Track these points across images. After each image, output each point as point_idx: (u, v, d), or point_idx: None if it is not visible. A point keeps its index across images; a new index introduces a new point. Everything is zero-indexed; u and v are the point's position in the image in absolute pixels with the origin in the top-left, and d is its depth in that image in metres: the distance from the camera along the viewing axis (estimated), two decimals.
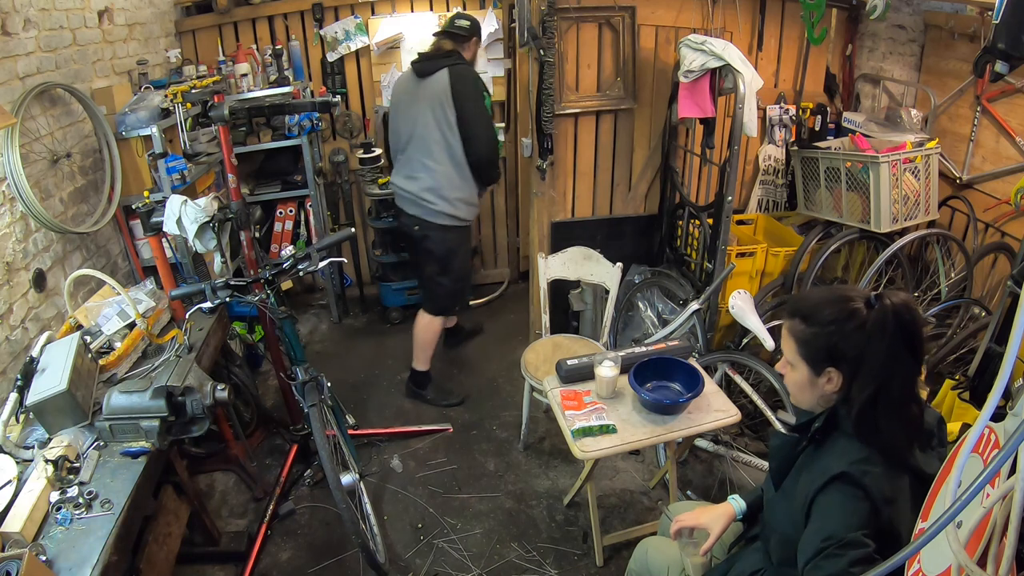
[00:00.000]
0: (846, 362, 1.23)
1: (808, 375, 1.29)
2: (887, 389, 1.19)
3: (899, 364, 1.19)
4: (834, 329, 1.23)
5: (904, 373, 1.20)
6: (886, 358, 1.18)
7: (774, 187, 3.51)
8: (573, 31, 3.00)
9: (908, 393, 1.21)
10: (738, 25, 3.14)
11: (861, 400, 1.21)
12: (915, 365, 1.22)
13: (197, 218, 2.39)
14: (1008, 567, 0.85)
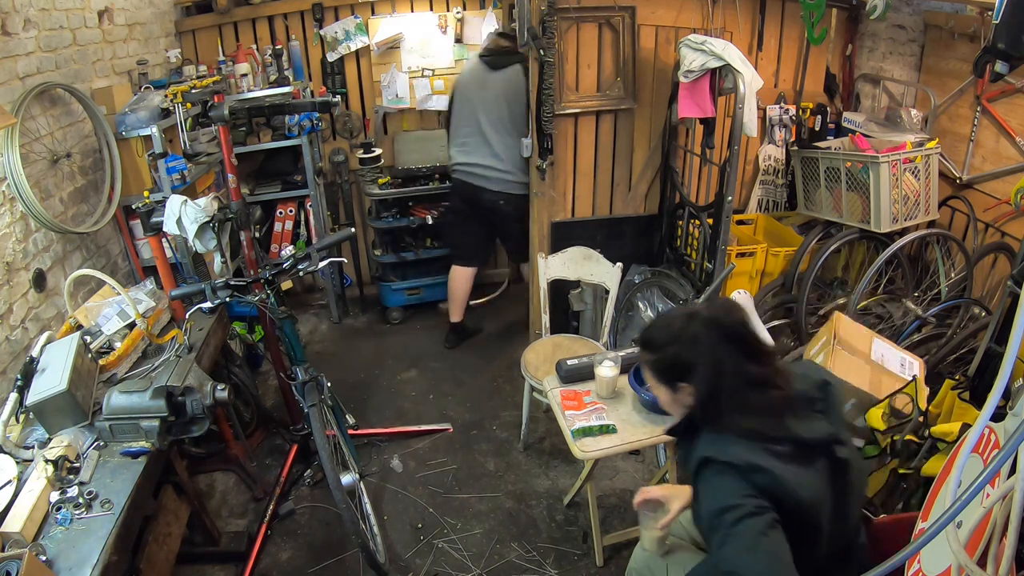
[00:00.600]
0: (690, 374, 1.36)
1: (669, 395, 1.44)
2: (720, 386, 1.32)
3: (726, 362, 1.32)
4: (668, 350, 1.40)
5: (734, 369, 1.32)
6: (711, 361, 1.33)
7: (774, 187, 3.51)
8: (573, 31, 3.00)
9: (748, 383, 1.32)
10: (738, 25, 3.14)
11: (700, 400, 1.36)
12: (747, 358, 1.33)
13: (197, 218, 2.39)
14: (1008, 567, 0.85)
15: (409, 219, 3.94)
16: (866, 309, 2.89)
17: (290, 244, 3.95)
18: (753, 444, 1.29)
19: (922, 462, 1.84)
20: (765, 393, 1.33)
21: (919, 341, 2.70)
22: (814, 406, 1.37)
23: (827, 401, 1.39)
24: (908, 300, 2.82)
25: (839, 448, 1.34)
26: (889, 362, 2.30)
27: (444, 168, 4.01)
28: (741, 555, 1.21)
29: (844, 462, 1.34)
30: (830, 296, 3.12)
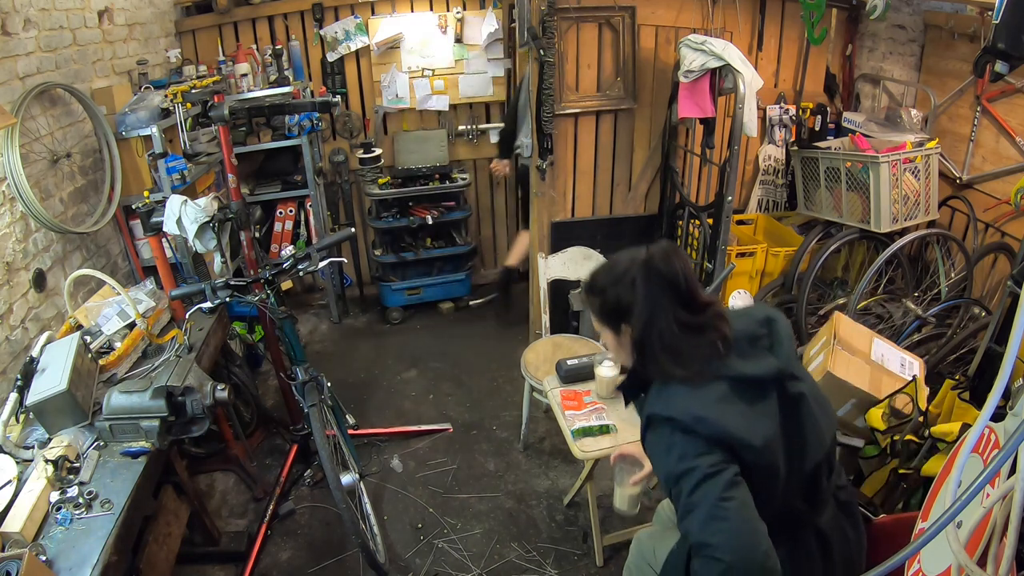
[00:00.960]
0: (628, 315, 1.34)
1: (613, 337, 1.41)
2: (654, 329, 1.30)
3: (659, 306, 1.30)
4: (609, 292, 1.36)
5: (668, 314, 1.29)
6: (646, 304, 1.30)
7: (774, 187, 3.51)
8: (573, 31, 3.00)
9: (683, 327, 1.29)
10: (738, 25, 3.14)
11: (637, 342, 1.33)
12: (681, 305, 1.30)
13: (197, 218, 2.39)
14: (1008, 567, 0.85)
15: (409, 219, 3.94)
16: (866, 309, 2.89)
17: (290, 244, 3.95)
18: (696, 392, 1.27)
19: (922, 462, 1.84)
20: (702, 336, 1.30)
21: (919, 341, 2.70)
22: (759, 343, 1.35)
23: (772, 336, 1.36)
24: (908, 300, 2.82)
25: (791, 383, 1.31)
26: (889, 362, 2.30)
27: (444, 168, 4.02)
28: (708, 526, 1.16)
29: (797, 396, 1.31)
30: (830, 296, 3.12)
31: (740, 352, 1.31)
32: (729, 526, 1.15)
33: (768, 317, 1.39)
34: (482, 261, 4.57)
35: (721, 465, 1.20)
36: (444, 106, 4.08)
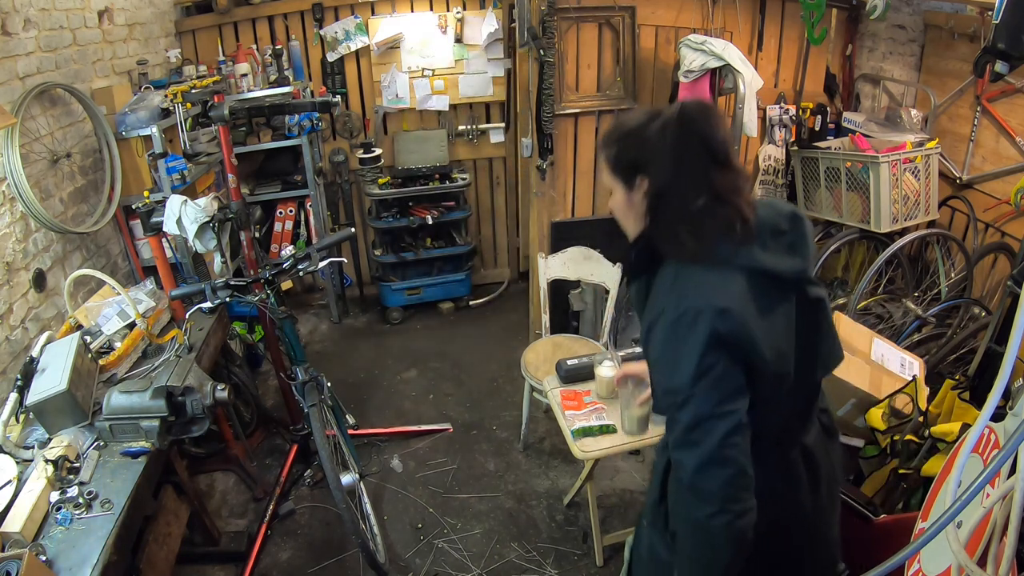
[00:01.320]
0: (650, 166, 1.20)
1: (624, 194, 1.28)
2: (679, 183, 1.16)
3: (690, 155, 1.16)
4: (632, 140, 1.23)
5: (697, 168, 1.15)
6: (673, 154, 1.16)
7: (774, 187, 3.51)
8: (573, 31, 3.00)
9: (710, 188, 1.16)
10: (738, 25, 3.14)
11: (654, 195, 1.19)
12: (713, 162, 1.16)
13: (197, 218, 2.39)
14: (1008, 567, 0.85)
15: (409, 219, 3.94)
16: (866, 309, 2.89)
17: (290, 244, 3.95)
18: (717, 280, 1.14)
19: (922, 462, 1.84)
20: (727, 208, 1.16)
21: (919, 341, 2.70)
22: (782, 239, 1.22)
23: (797, 234, 1.25)
24: (908, 300, 2.82)
25: (811, 287, 1.22)
26: (889, 362, 2.30)
27: (444, 168, 4.02)
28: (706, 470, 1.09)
29: (816, 302, 1.23)
30: (830, 296, 3.12)
31: (762, 244, 1.19)
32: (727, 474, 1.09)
33: (794, 213, 1.27)
34: (482, 261, 4.57)
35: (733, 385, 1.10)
36: (444, 106, 4.08)
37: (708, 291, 1.12)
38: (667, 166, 1.17)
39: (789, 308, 1.19)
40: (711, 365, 1.09)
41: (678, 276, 1.18)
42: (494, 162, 4.34)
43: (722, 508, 1.09)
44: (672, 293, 1.16)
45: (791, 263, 1.19)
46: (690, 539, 1.18)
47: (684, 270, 1.18)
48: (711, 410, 1.10)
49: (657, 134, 1.18)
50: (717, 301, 1.10)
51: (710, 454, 1.09)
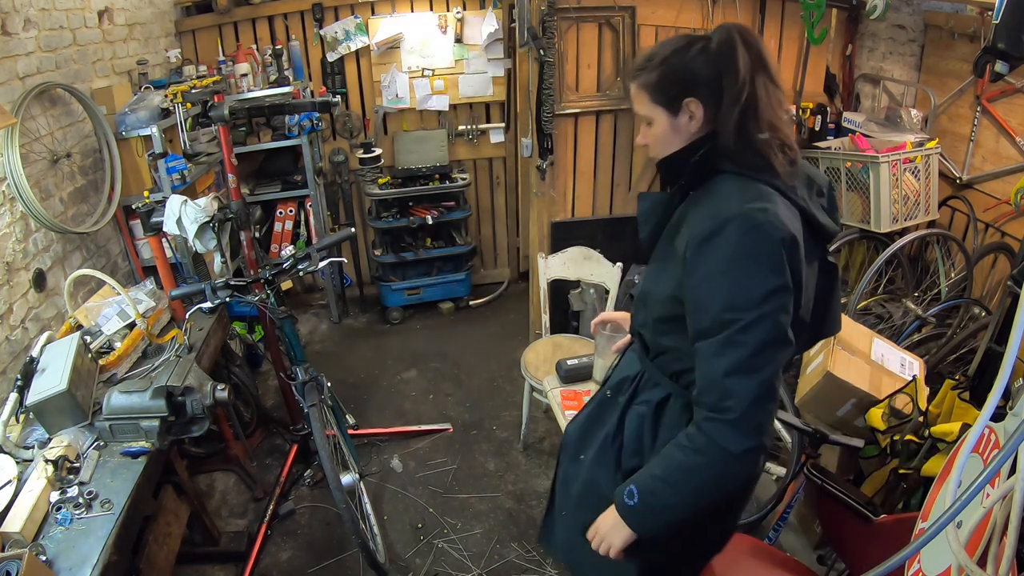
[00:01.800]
0: (703, 86, 1.15)
1: (668, 120, 1.20)
2: (756, 99, 1.12)
3: (759, 74, 1.13)
4: (680, 58, 1.17)
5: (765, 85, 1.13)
6: (746, 67, 1.11)
7: None
8: (573, 31, 3.00)
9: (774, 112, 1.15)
10: None
11: (737, 111, 1.13)
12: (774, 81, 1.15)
13: (197, 218, 2.39)
14: (1008, 567, 0.85)
15: (409, 219, 3.94)
16: (866, 309, 2.89)
17: (290, 244, 3.95)
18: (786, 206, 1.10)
19: (922, 462, 1.84)
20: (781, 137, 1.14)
21: (919, 341, 2.70)
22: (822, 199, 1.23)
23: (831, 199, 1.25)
24: (908, 300, 2.82)
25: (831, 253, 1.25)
26: (889, 362, 2.30)
27: (444, 168, 4.02)
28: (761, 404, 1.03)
29: (833, 268, 1.24)
30: None
31: (810, 196, 1.19)
32: (774, 409, 1.06)
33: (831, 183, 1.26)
34: (482, 261, 4.57)
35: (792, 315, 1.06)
36: (444, 106, 4.08)
37: (782, 215, 1.08)
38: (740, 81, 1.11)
39: (816, 266, 1.20)
40: (783, 287, 1.05)
41: (747, 189, 1.12)
42: (494, 162, 4.34)
43: (760, 444, 1.05)
44: (743, 204, 1.08)
45: (830, 221, 1.20)
46: (702, 469, 1.09)
47: (750, 185, 1.13)
48: (777, 335, 1.04)
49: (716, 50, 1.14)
50: (791, 226, 1.08)
51: (768, 384, 1.04)
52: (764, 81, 1.13)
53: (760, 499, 2.60)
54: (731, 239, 1.06)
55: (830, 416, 2.25)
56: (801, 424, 2.01)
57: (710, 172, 1.18)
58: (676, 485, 1.13)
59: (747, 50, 1.12)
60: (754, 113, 1.13)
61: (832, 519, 1.77)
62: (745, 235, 1.06)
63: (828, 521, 1.81)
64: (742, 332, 1.04)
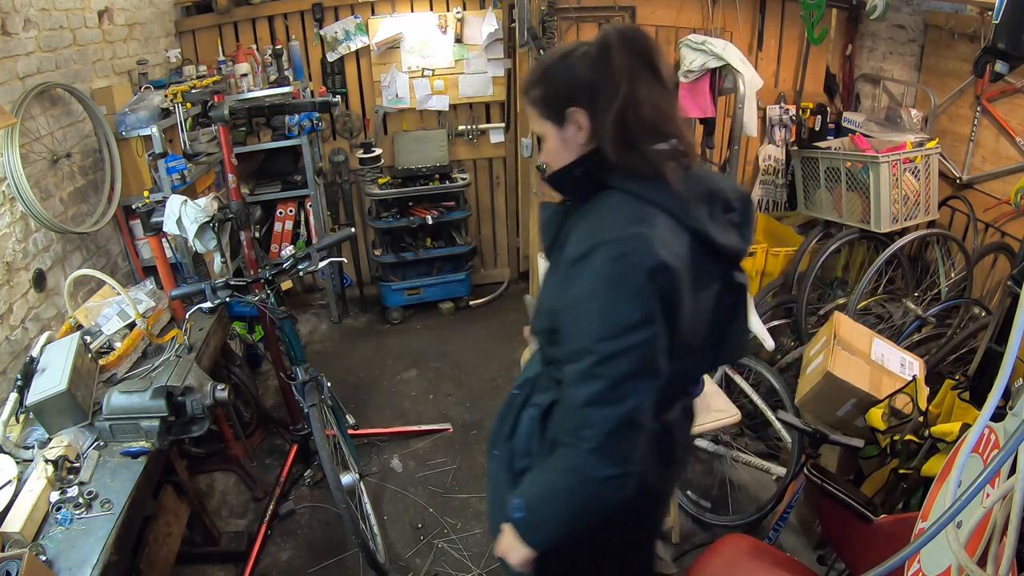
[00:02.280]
0: (585, 94, 1.10)
1: (556, 134, 1.15)
2: (635, 102, 1.06)
3: (639, 76, 1.06)
4: (561, 67, 1.13)
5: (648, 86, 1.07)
6: (622, 69, 1.06)
7: (774, 187, 3.51)
8: (573, 31, 3.00)
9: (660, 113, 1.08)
10: (738, 25, 3.15)
11: (612, 117, 1.07)
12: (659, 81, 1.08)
13: (197, 218, 2.39)
14: (1008, 567, 0.85)
15: (409, 219, 3.94)
16: (866, 309, 2.89)
17: (290, 244, 3.95)
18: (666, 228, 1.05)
19: (922, 462, 1.84)
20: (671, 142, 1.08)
21: (919, 341, 2.70)
22: (732, 215, 1.16)
23: (745, 215, 1.18)
24: (908, 300, 2.82)
25: (738, 273, 1.18)
26: (889, 362, 2.30)
27: (444, 168, 4.02)
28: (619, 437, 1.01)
29: (739, 288, 1.19)
30: (830, 296, 3.12)
31: (711, 213, 1.12)
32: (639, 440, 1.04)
33: (746, 195, 1.20)
34: (482, 261, 4.57)
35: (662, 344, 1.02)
36: (444, 106, 4.08)
37: (658, 239, 1.03)
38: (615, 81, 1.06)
39: (716, 287, 1.15)
40: (647, 320, 1.02)
41: (626, 210, 1.07)
42: (494, 162, 4.34)
43: (624, 472, 1.04)
44: (616, 227, 1.05)
45: (735, 240, 1.14)
46: (571, 490, 1.09)
47: (632, 204, 1.08)
48: (639, 367, 1.02)
49: (594, 59, 1.09)
50: (664, 255, 1.02)
51: (629, 416, 1.02)
52: (647, 82, 1.07)
53: (760, 499, 2.60)
54: (597, 265, 1.04)
55: (830, 416, 2.25)
56: (801, 424, 2.02)
57: (597, 187, 1.13)
58: (551, 503, 1.13)
59: (626, 50, 1.06)
60: (635, 117, 1.06)
61: (832, 519, 1.77)
62: (612, 262, 1.03)
63: (828, 521, 1.81)
64: (602, 364, 1.02)
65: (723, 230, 1.13)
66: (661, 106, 1.08)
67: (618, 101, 1.06)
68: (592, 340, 1.03)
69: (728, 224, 1.15)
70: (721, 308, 1.18)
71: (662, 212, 1.07)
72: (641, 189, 1.09)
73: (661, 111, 1.08)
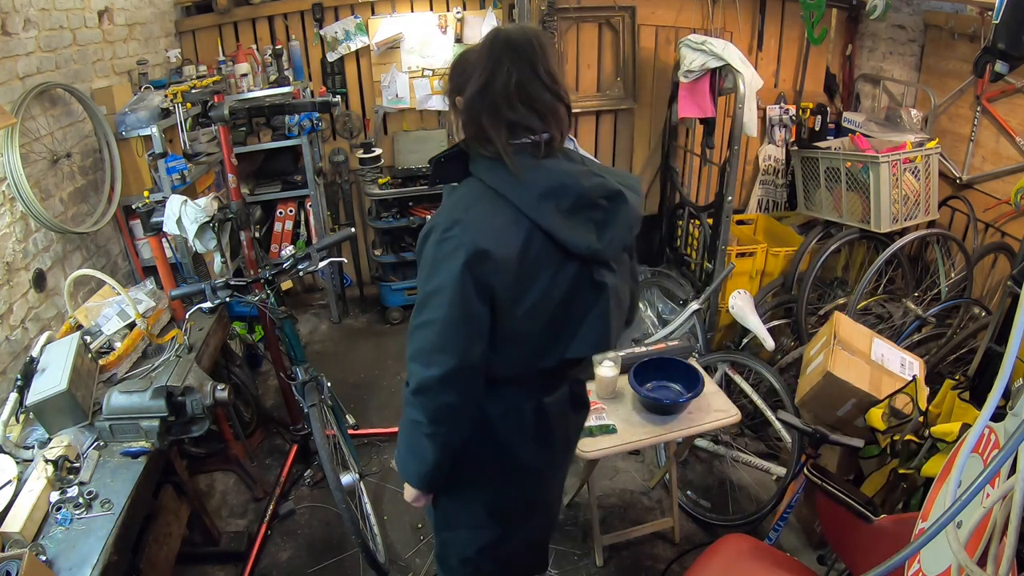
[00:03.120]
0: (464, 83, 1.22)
1: (452, 113, 1.29)
2: (491, 88, 1.16)
3: (501, 66, 1.16)
4: (459, 60, 1.25)
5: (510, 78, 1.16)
6: (492, 61, 1.17)
7: (774, 187, 3.51)
8: (573, 31, 3.00)
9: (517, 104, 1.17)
10: (738, 25, 3.15)
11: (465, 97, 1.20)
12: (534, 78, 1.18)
13: (197, 218, 2.39)
14: (1008, 567, 0.85)
15: (409, 219, 3.94)
16: (866, 309, 2.89)
17: (290, 244, 3.95)
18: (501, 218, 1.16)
19: (922, 462, 1.84)
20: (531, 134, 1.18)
21: (919, 341, 2.70)
22: (592, 213, 1.21)
23: (612, 213, 1.22)
24: (908, 300, 2.82)
25: (600, 271, 1.23)
26: (889, 362, 2.30)
27: None
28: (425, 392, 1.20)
29: (599, 286, 1.24)
30: (830, 296, 3.12)
31: (569, 210, 1.18)
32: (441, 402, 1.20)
33: (619, 192, 1.23)
34: None
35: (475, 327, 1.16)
36: (444, 106, 4.08)
37: (481, 226, 1.14)
38: (478, 73, 1.17)
39: (565, 277, 1.21)
40: (460, 298, 1.14)
41: (468, 197, 1.20)
42: None
43: (431, 425, 1.22)
44: (451, 211, 1.19)
45: (585, 239, 1.19)
46: (403, 431, 1.30)
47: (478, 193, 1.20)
48: (445, 341, 1.16)
49: (475, 53, 1.21)
50: (481, 242, 1.12)
51: (437, 380, 1.17)
52: (508, 72, 1.15)
53: (760, 499, 2.60)
54: (429, 245, 1.20)
55: (830, 416, 2.25)
56: (801, 424, 2.02)
57: (462, 173, 1.25)
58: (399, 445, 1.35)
59: (504, 46, 1.16)
60: (487, 101, 1.17)
61: (832, 519, 1.77)
62: (437, 245, 1.17)
63: (828, 521, 1.81)
64: (419, 328, 1.19)
65: (572, 227, 1.18)
66: (522, 99, 1.17)
67: (475, 84, 1.17)
68: (417, 307, 1.22)
69: (588, 221, 1.20)
70: (576, 302, 1.24)
71: (507, 203, 1.17)
72: (492, 179, 1.18)
73: (519, 102, 1.17)
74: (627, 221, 1.24)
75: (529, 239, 1.16)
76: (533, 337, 1.24)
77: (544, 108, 1.20)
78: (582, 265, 1.22)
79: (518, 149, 1.18)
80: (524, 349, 1.26)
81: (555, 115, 1.21)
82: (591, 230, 1.20)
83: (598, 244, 1.20)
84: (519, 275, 1.16)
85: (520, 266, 1.16)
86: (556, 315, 1.23)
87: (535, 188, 1.16)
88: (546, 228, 1.16)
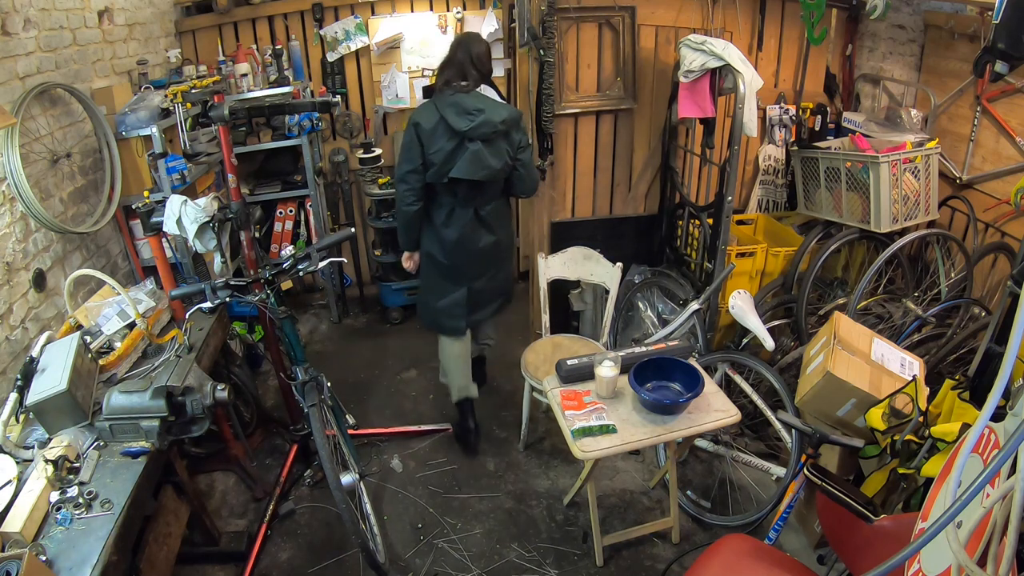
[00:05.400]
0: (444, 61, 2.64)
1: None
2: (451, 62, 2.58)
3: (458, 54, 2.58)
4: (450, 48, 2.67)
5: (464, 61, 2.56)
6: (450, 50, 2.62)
7: (774, 187, 3.51)
8: (573, 31, 3.00)
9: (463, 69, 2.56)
10: (738, 25, 3.14)
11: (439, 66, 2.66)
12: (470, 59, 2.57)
13: (197, 218, 2.39)
14: (1008, 567, 0.85)
15: None
16: (866, 309, 2.89)
17: (290, 244, 3.95)
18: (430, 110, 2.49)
19: (922, 462, 1.84)
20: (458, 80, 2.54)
21: (919, 341, 2.70)
22: (470, 115, 2.43)
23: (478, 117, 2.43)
24: (908, 300, 2.82)
25: (470, 143, 2.44)
26: (889, 362, 2.30)
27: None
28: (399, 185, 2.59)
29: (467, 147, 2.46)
30: (830, 296, 3.11)
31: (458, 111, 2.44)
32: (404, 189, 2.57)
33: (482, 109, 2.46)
34: None
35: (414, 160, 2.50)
36: None
37: (421, 116, 2.50)
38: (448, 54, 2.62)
39: (452, 141, 2.45)
40: (408, 147, 2.50)
41: (426, 106, 2.54)
42: None
43: (400, 203, 2.62)
44: (416, 111, 2.55)
45: (462, 124, 2.42)
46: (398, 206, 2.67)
47: (430, 104, 2.52)
48: (404, 167, 2.53)
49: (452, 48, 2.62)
50: (417, 118, 2.49)
51: (401, 194, 2.58)
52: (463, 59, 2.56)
53: (760, 499, 2.60)
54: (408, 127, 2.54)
55: (830, 416, 2.25)
56: (801, 424, 2.02)
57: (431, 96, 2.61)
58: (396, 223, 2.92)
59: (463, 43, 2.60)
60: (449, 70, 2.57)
61: (832, 519, 1.77)
62: (408, 129, 2.52)
63: (828, 521, 1.81)
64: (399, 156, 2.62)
65: (457, 120, 2.43)
66: (464, 67, 2.56)
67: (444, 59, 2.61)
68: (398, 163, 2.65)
69: (466, 117, 2.43)
70: (456, 151, 2.47)
71: (435, 108, 2.48)
72: (436, 99, 2.52)
73: (464, 68, 2.56)
74: (490, 121, 2.44)
75: (439, 122, 2.46)
76: (436, 164, 2.48)
77: (465, 71, 2.56)
78: (462, 138, 2.45)
79: (448, 89, 2.53)
80: (433, 169, 2.50)
81: (471, 74, 2.56)
82: (467, 123, 2.43)
83: (466, 128, 2.42)
84: (432, 134, 2.46)
85: (433, 132, 2.46)
86: (447, 156, 2.46)
87: (445, 103, 2.47)
88: (446, 118, 2.44)
